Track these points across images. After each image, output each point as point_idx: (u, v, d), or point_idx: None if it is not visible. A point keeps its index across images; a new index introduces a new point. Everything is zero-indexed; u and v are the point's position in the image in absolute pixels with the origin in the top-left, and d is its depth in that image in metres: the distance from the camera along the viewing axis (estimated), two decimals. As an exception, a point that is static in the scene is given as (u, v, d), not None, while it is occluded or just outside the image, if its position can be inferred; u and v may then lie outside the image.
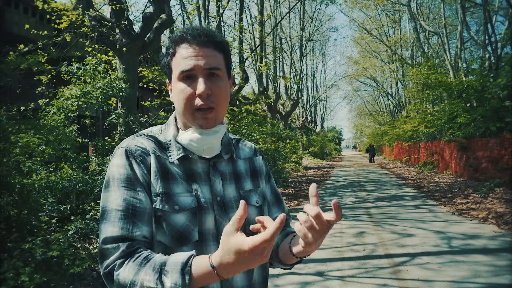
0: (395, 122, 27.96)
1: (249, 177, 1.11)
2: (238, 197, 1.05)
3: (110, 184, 0.94)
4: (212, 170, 1.03)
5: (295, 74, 27.47)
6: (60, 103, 6.05)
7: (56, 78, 7.83)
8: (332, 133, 52.57)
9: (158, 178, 0.95)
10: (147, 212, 0.92)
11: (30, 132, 4.98)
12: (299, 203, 9.21)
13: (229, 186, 1.05)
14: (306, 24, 26.04)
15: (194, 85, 0.96)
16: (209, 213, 0.98)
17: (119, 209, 0.90)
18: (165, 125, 1.08)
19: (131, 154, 0.96)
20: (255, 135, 11.80)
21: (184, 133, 1.01)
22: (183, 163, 1.00)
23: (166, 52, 1.03)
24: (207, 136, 0.99)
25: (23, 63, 6.15)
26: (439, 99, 17.40)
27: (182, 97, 0.98)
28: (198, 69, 0.96)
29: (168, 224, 0.93)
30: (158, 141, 1.02)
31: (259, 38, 16.13)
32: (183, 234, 0.93)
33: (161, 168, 0.97)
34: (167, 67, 1.03)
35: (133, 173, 0.93)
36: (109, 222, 0.89)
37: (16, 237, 4.12)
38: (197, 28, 1.00)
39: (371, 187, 12.56)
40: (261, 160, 1.19)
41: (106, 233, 0.88)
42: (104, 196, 0.94)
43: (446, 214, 7.35)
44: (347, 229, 6.31)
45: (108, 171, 0.97)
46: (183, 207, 0.94)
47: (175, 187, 0.96)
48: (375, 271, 4.26)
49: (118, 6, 7.26)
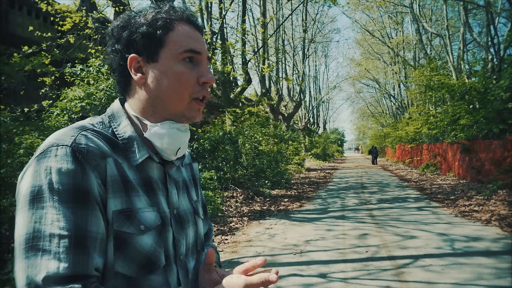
0: (398, 123, 27.96)
1: (192, 186, 0.97)
2: (191, 209, 0.91)
3: (44, 199, 0.65)
4: (168, 178, 0.85)
5: (297, 75, 27.49)
6: (64, 104, 6.09)
7: (59, 80, 7.88)
8: (334, 134, 52.53)
9: (117, 191, 0.73)
10: (99, 237, 0.69)
11: (34, 133, 5.01)
12: (301, 205, 9.21)
13: (182, 197, 0.89)
14: (308, 25, 26.08)
15: (197, 71, 0.81)
16: (169, 230, 0.81)
17: (65, 234, 0.64)
18: (110, 117, 0.83)
19: (82, 157, 0.69)
20: (258, 136, 11.82)
21: (157, 127, 0.80)
22: (140, 168, 0.79)
23: (149, 21, 0.80)
24: (184, 132, 0.84)
25: (27, 64, 6.20)
26: (441, 101, 17.39)
27: (182, 81, 0.79)
28: (204, 54, 0.83)
29: (133, 249, 0.73)
30: (108, 139, 0.77)
31: (262, 39, 16.16)
32: (151, 259, 0.75)
33: (120, 176, 0.74)
34: (152, 40, 0.79)
35: (84, 183, 0.68)
36: (51, 253, 0.62)
37: (20, 238, 4.14)
38: (188, 11, 0.86)
39: (373, 189, 12.54)
40: (197, 167, 1.05)
41: (46, 269, 0.61)
42: (31, 217, 0.65)
43: (449, 216, 7.33)
44: (349, 231, 6.30)
45: (35, 179, 0.67)
46: (148, 226, 0.75)
47: (136, 201, 0.75)
48: (378, 273, 4.26)
49: (121, 8, 7.30)
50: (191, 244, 0.89)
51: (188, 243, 0.88)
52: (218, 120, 12.62)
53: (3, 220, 4.11)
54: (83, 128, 0.75)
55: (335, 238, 5.80)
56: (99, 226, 0.69)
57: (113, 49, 0.82)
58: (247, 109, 13.74)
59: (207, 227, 1.08)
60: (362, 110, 54.61)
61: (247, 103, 15.66)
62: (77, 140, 0.71)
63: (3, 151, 4.36)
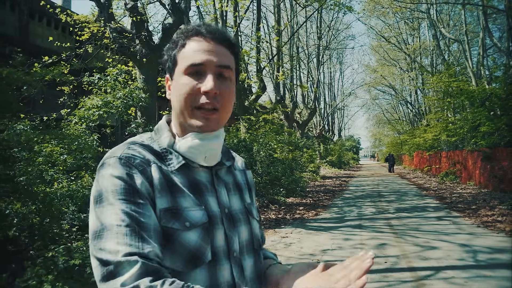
0: (415, 131, 27.49)
1: (246, 190, 1.04)
2: (244, 209, 0.97)
3: (104, 198, 0.78)
4: (216, 179, 0.93)
5: (312, 82, 27.41)
6: (82, 112, 6.18)
7: (77, 89, 8.03)
8: (349, 142, 52.05)
9: (163, 191, 0.82)
10: (153, 228, 0.78)
11: (54, 142, 5.09)
12: (317, 213, 9.09)
13: (234, 197, 0.96)
14: (323, 32, 26.03)
15: (201, 81, 0.86)
16: (219, 228, 0.87)
17: (121, 224, 0.75)
18: (155, 131, 0.95)
19: (129, 163, 0.82)
20: (272, 144, 11.77)
21: (182, 140, 0.89)
22: (185, 172, 0.88)
23: (173, 44, 0.92)
24: (208, 141, 0.89)
25: (47, 74, 6.34)
26: (460, 108, 17.03)
27: (184, 92, 0.87)
28: (209, 64, 0.87)
29: (180, 245, 0.80)
30: (153, 150, 0.89)
31: (276, 47, 16.19)
32: (196, 254, 0.81)
33: (165, 179, 0.84)
34: (171, 60, 0.92)
35: (133, 184, 0.79)
36: (111, 238, 0.74)
37: (39, 245, 4.18)
38: (211, 25, 0.92)
39: (391, 197, 12.31)
40: (251, 175, 1.12)
41: (110, 247, 0.73)
42: (98, 213, 0.78)
43: (471, 227, 7.11)
44: (367, 240, 6.17)
45: (98, 185, 0.81)
46: (194, 223, 0.82)
47: (182, 201, 0.84)
48: (398, 285, 4.13)
49: (138, 18, 7.41)
50: (245, 242, 0.94)
51: (242, 241, 0.93)
52: (232, 127, 12.64)
53: (23, 227, 4.16)
54: (132, 143, 0.89)
55: (352, 248, 5.68)
56: (150, 218, 0.79)
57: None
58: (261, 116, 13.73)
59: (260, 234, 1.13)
60: (378, 117, 53.95)
61: (261, 111, 15.66)
62: (125, 152, 0.84)
63: (23, 159, 4.43)
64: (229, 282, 0.85)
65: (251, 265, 0.93)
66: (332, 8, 15.51)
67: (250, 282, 0.91)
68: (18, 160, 4.41)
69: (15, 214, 4.01)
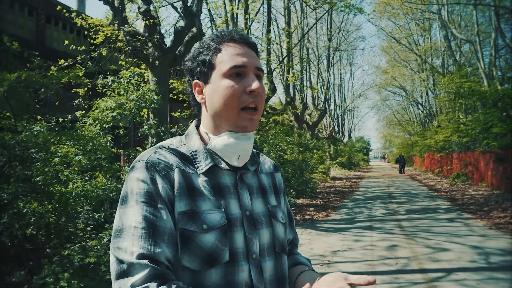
0: (426, 132, 27.22)
1: (272, 193, 1.05)
2: (267, 212, 0.98)
3: (129, 199, 0.85)
4: (240, 183, 0.95)
5: (322, 84, 27.34)
6: (96, 114, 6.29)
7: (91, 91, 8.18)
8: (360, 143, 51.73)
9: (183, 195, 0.87)
10: (167, 232, 0.83)
11: (69, 143, 5.20)
12: (327, 214, 9.09)
13: (257, 200, 0.98)
14: (333, 34, 25.97)
15: (244, 82, 0.91)
16: (238, 230, 0.90)
17: (138, 226, 0.81)
18: (186, 136, 1.00)
19: (154, 168, 0.87)
20: (283, 145, 11.80)
21: (218, 138, 0.94)
22: (210, 175, 0.92)
23: (205, 48, 0.95)
24: (243, 141, 0.93)
25: (63, 77, 6.48)
26: (472, 109, 16.83)
27: (228, 94, 0.90)
28: (250, 66, 0.92)
29: (197, 246, 0.84)
30: (180, 153, 0.93)
31: (287, 49, 16.21)
32: (212, 255, 0.85)
33: (186, 183, 0.88)
34: (205, 65, 0.94)
35: (155, 188, 0.85)
36: (128, 239, 0.81)
37: (55, 244, 4.29)
38: (241, 31, 0.98)
39: (402, 199, 12.23)
40: (280, 177, 1.14)
41: (125, 247, 0.80)
42: (121, 212, 0.85)
43: (483, 228, 7.05)
44: (378, 241, 6.17)
45: (126, 186, 0.88)
46: (212, 225, 0.86)
47: (202, 204, 0.87)
48: (409, 286, 4.14)
49: (151, 21, 7.53)
50: (267, 244, 0.96)
51: (263, 243, 0.94)
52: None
53: (40, 225, 4.27)
54: (160, 147, 0.94)
55: (363, 249, 5.69)
56: (167, 222, 0.84)
57: (187, 80, 1.01)
58: (272, 117, 13.78)
59: (292, 236, 1.14)
60: (389, 118, 53.48)
61: (272, 112, 15.71)
62: (151, 156, 0.90)
63: (40, 160, 4.54)
64: (247, 283, 0.88)
65: (271, 267, 0.94)
66: (343, 10, 15.48)
67: (270, 284, 0.93)
68: (35, 160, 4.52)
69: (32, 213, 4.12)
